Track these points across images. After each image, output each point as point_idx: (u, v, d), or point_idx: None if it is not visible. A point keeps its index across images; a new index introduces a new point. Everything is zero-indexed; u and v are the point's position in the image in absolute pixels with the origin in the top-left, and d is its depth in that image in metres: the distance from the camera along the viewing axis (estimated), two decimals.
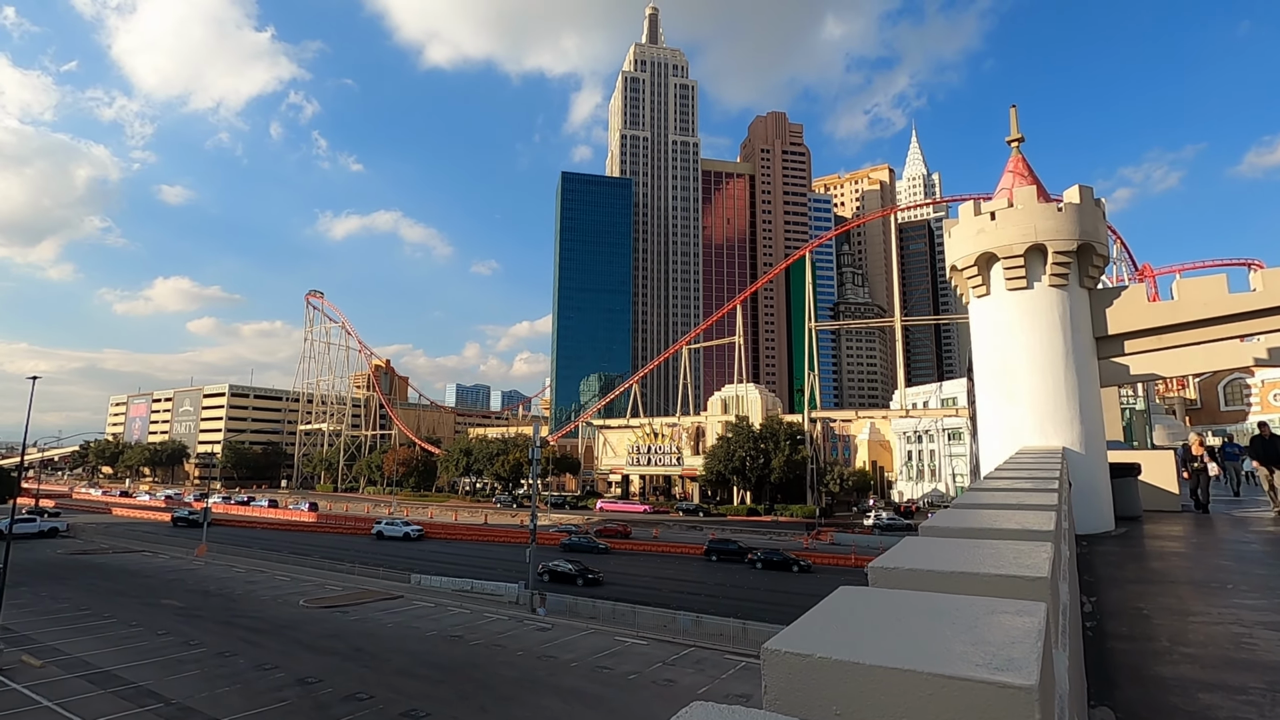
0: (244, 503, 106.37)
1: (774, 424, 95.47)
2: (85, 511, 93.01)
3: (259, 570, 46.88)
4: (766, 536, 71.22)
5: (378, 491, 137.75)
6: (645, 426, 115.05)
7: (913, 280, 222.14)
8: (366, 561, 49.61)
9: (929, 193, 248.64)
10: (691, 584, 44.51)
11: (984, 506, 3.95)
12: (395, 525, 71.84)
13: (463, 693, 21.78)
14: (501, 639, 29.16)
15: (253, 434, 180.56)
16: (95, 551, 54.79)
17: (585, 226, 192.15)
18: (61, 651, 25.33)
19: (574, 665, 25.28)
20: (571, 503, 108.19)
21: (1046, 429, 11.81)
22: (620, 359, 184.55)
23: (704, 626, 30.85)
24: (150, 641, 27.31)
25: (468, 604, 36.87)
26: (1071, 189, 12.51)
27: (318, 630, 29.95)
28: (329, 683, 22.38)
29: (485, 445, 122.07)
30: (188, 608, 34.16)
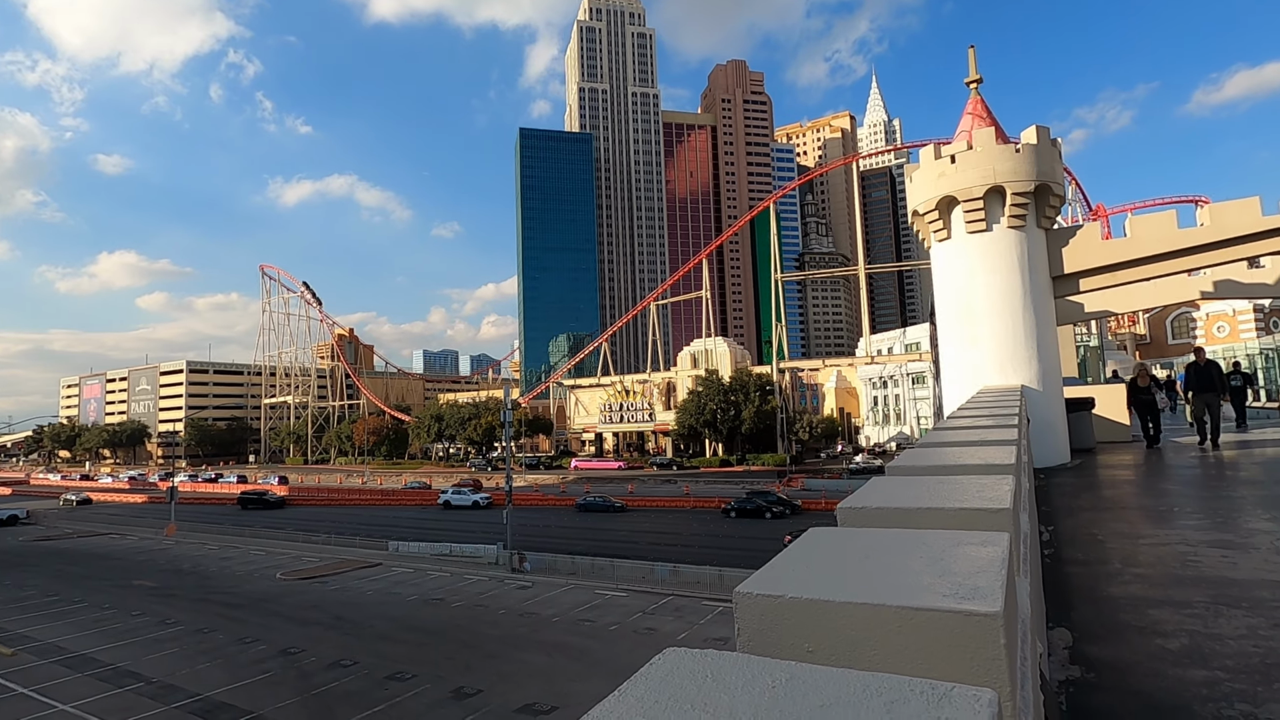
0: (212, 480, 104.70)
1: (743, 376, 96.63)
2: (46, 497, 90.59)
3: (232, 547, 46.45)
4: (739, 486, 72.75)
5: (349, 462, 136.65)
6: (616, 384, 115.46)
7: (876, 228, 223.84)
8: (342, 532, 49.47)
9: (890, 139, 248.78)
10: (669, 535, 45.45)
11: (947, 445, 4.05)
12: (463, 494, 67.54)
13: (447, 653, 22.11)
14: (483, 599, 29.54)
15: (215, 410, 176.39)
16: (59, 536, 53.60)
17: (546, 184, 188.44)
18: (32, 639, 24.94)
19: (556, 620, 25.78)
20: (546, 463, 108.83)
21: (1006, 369, 12.14)
22: (588, 318, 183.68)
23: (681, 575, 31.64)
24: (125, 623, 27.03)
25: (447, 567, 37.15)
26: (1029, 130, 12.59)
27: (297, 602, 29.95)
28: (312, 652, 22.49)
29: (456, 410, 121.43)
30: (161, 587, 33.80)
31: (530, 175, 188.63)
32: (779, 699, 0.95)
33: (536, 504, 64.58)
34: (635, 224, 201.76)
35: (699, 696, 0.98)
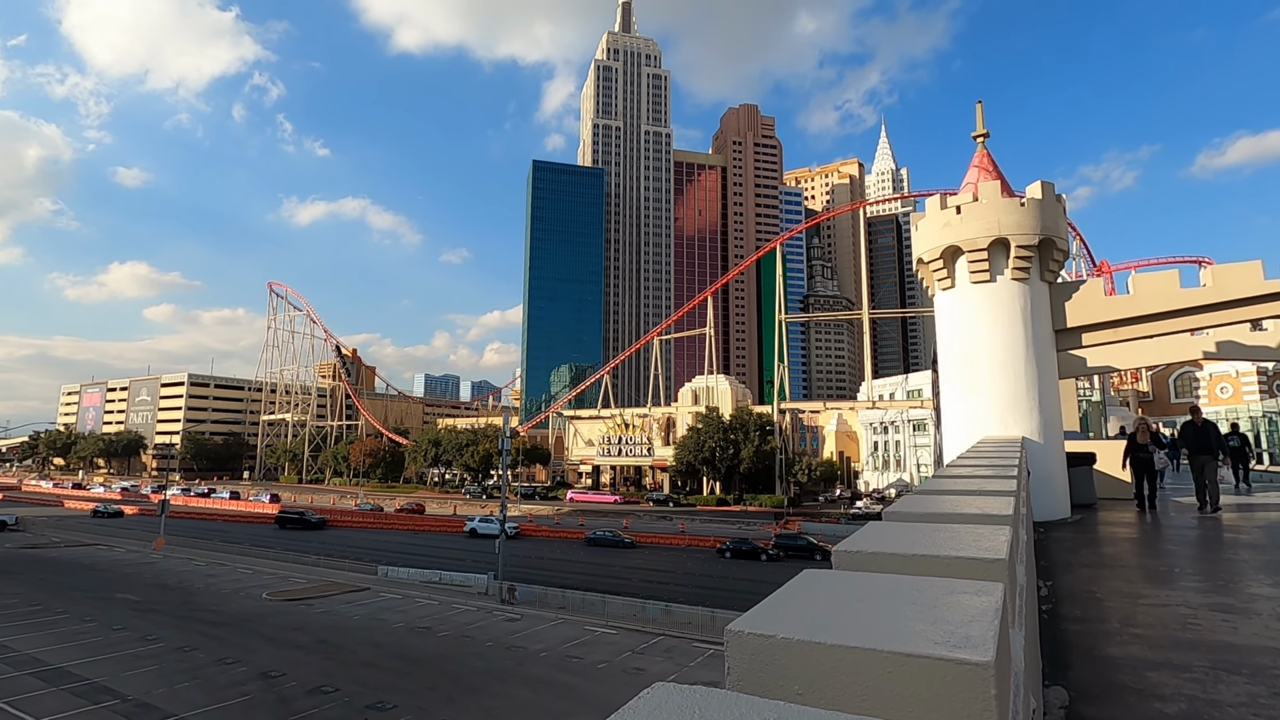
0: (204, 495, 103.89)
1: (744, 415, 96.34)
2: (39, 505, 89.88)
3: (220, 564, 45.87)
4: (736, 526, 71.98)
5: (344, 483, 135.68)
6: (616, 417, 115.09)
7: (881, 274, 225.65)
8: (332, 554, 48.89)
9: (897, 187, 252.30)
10: (663, 572, 44.81)
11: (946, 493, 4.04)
12: (491, 523, 64.72)
13: (430, 683, 21.64)
14: (470, 630, 29.02)
15: (213, 424, 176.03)
16: (46, 545, 53.02)
17: (557, 216, 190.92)
18: (10, 648, 24.49)
19: (543, 655, 25.28)
20: (542, 493, 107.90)
21: (1007, 419, 12.11)
22: (591, 349, 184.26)
23: (673, 615, 31.10)
24: (105, 637, 26.56)
25: (436, 595, 36.58)
26: (1034, 185, 12.79)
27: (281, 623, 29.44)
28: (293, 676, 22.03)
29: (454, 436, 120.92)
30: (145, 602, 33.29)
31: (541, 206, 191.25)
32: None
33: (546, 535, 63.81)
34: (642, 259, 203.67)
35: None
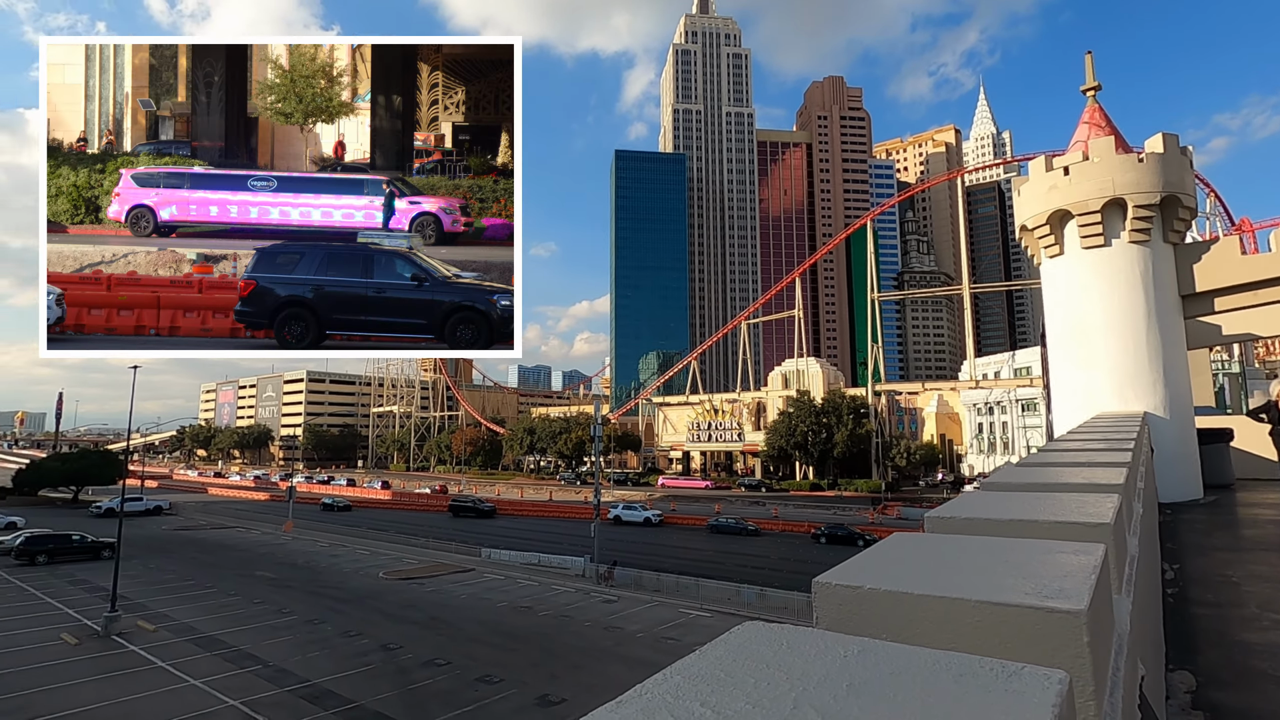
0: (324, 482, 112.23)
1: (836, 398, 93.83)
2: (186, 492, 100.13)
3: (341, 545, 49.59)
4: (830, 511, 70.50)
5: (447, 470, 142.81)
6: (705, 403, 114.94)
7: (982, 245, 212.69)
8: (440, 536, 51.79)
9: (999, 152, 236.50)
10: (756, 557, 44.62)
11: (1050, 465, 3.88)
12: (635, 510, 65.54)
13: (533, 660, 22.61)
14: (569, 610, 30.03)
15: (330, 417, 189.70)
16: (195, 527, 59.08)
17: (640, 204, 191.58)
18: (170, 618, 27.57)
19: (640, 636, 25.83)
20: (634, 479, 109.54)
21: (1126, 393, 11.24)
22: (678, 336, 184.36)
23: (768, 599, 30.95)
24: (247, 609, 29.39)
25: (536, 576, 38.05)
26: (1154, 138, 11.73)
27: (397, 600, 31.55)
28: (409, 649, 23.62)
29: (548, 424, 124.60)
30: (279, 579, 36.53)
31: (624, 195, 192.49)
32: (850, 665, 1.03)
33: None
34: (727, 243, 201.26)
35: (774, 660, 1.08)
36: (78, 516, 63.15)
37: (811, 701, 0.87)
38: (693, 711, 0.89)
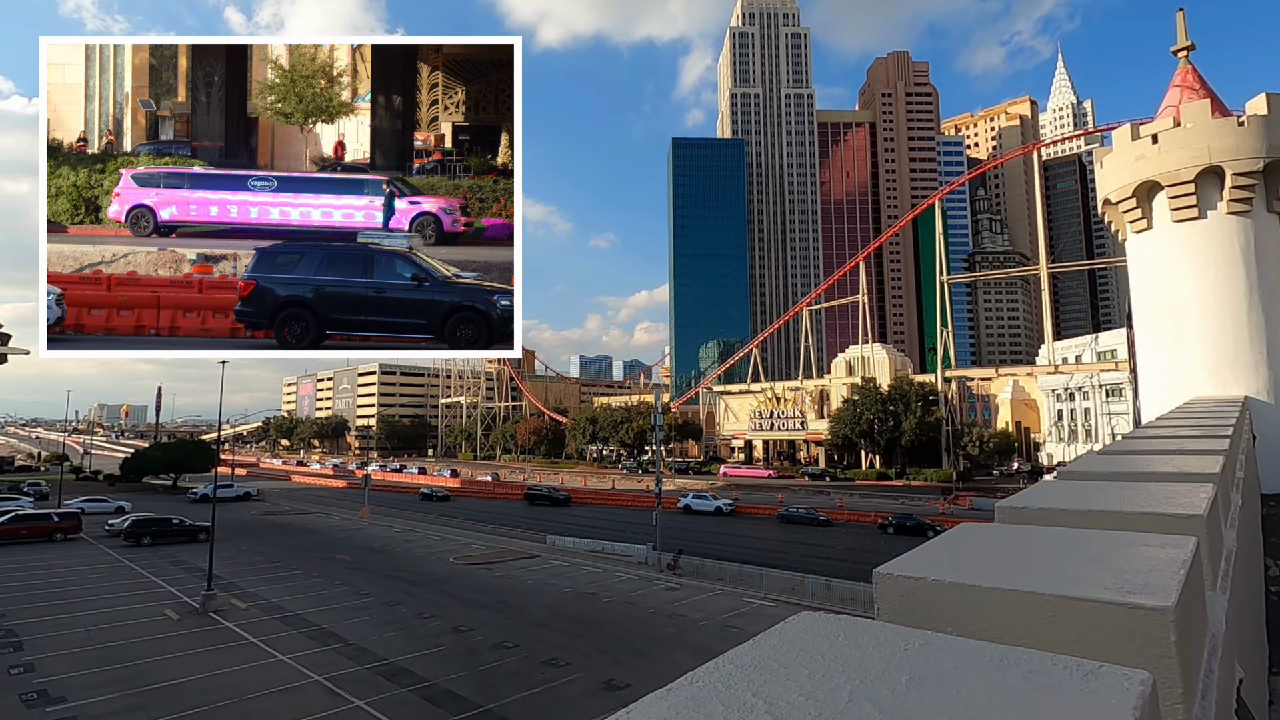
0: (397, 470, 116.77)
1: (904, 385, 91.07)
2: (271, 479, 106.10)
3: (414, 530, 51.58)
4: (898, 501, 68.67)
5: (512, 459, 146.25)
6: (766, 391, 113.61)
7: (1061, 222, 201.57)
8: (506, 523, 53.18)
9: (1079, 123, 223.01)
10: (820, 547, 43.96)
11: (1136, 452, 3.64)
12: (705, 499, 65.37)
13: (598, 645, 22.99)
14: (632, 597, 30.35)
15: (401, 408, 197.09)
16: (280, 513, 62.57)
17: (698, 192, 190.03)
18: (260, 597, 29.35)
19: (703, 624, 25.89)
20: (695, 468, 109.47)
21: (1224, 376, 10.45)
22: (739, 324, 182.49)
23: (833, 590, 30.46)
24: (329, 590, 30.98)
25: (599, 563, 38.60)
26: (1256, 99, 10.79)
27: (466, 585, 32.62)
28: (479, 632, 24.40)
29: (609, 413, 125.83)
30: (356, 562, 38.32)
31: (682, 183, 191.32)
32: (911, 658, 0.98)
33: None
34: (788, 228, 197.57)
35: (831, 651, 1.04)
36: (176, 502, 67.90)
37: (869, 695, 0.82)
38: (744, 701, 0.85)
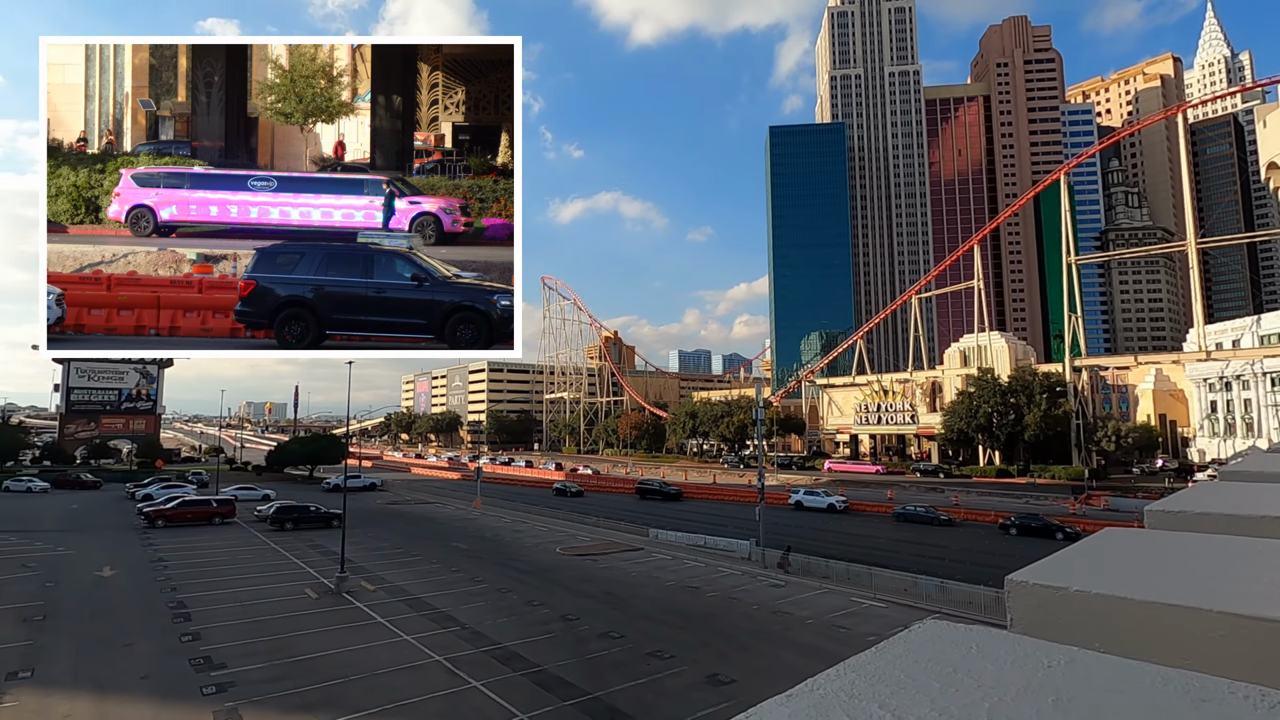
0: (505, 463, 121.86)
1: (1026, 375, 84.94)
2: (393, 471, 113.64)
3: (523, 522, 53.68)
4: (1022, 500, 64.25)
5: (614, 453, 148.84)
6: (873, 384, 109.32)
7: (1213, 192, 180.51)
8: (610, 515, 54.27)
9: (1235, 78, 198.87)
10: (933, 547, 41.86)
11: None
12: (817, 496, 62.22)
13: (702, 639, 23.01)
14: (736, 592, 30.15)
15: (508, 403, 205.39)
16: (402, 502, 66.94)
17: (796, 180, 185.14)
18: (386, 580, 31.55)
19: (809, 622, 25.32)
20: (798, 463, 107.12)
21: None
22: (842, 315, 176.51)
23: (949, 593, 28.90)
24: (446, 576, 32.84)
25: (702, 558, 38.60)
26: None
27: (573, 575, 33.57)
28: (585, 621, 25.06)
29: (709, 408, 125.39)
30: (471, 550, 40.36)
31: (780, 173, 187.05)
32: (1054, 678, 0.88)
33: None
34: (893, 213, 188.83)
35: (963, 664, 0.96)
36: (313, 490, 74.17)
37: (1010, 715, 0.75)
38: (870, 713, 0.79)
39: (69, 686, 18.13)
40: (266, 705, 16.92)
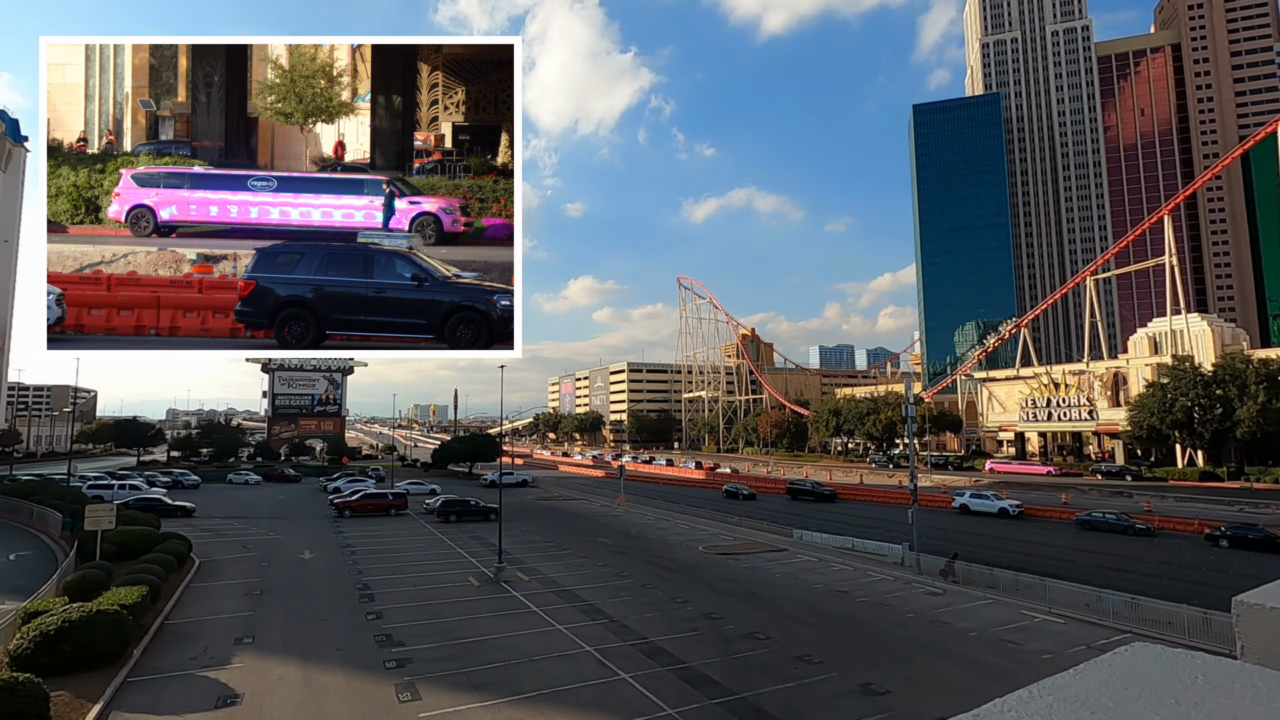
0: (646, 462, 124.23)
1: (1235, 363, 73.38)
2: (542, 468, 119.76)
3: (665, 520, 54.48)
4: (1234, 508, 55.58)
5: (755, 452, 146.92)
6: (1041, 376, 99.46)
7: None
8: (753, 515, 53.65)
9: None
10: (1120, 558, 37.29)
11: None
12: (986, 499, 57.05)
13: (852, 646, 22.11)
14: (888, 599, 28.67)
15: (648, 403, 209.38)
16: (551, 498, 70.38)
17: (946, 160, 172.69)
18: (539, 572, 33.34)
19: (973, 635, 23.51)
20: (955, 463, 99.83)
21: None
22: (1001, 302, 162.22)
23: (1142, 611, 25.58)
24: (593, 570, 34.09)
25: (849, 561, 37.10)
26: None
27: (716, 574, 33.56)
28: (730, 620, 24.96)
29: (854, 405, 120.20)
30: (616, 546, 41.59)
31: (926, 153, 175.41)
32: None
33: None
34: (1061, 187, 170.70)
35: (1186, 696, 0.83)
36: (471, 485, 79.98)
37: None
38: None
39: (280, 653, 20.89)
40: (439, 682, 18.48)
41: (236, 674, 18.97)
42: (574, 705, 17.01)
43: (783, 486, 75.53)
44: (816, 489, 70.58)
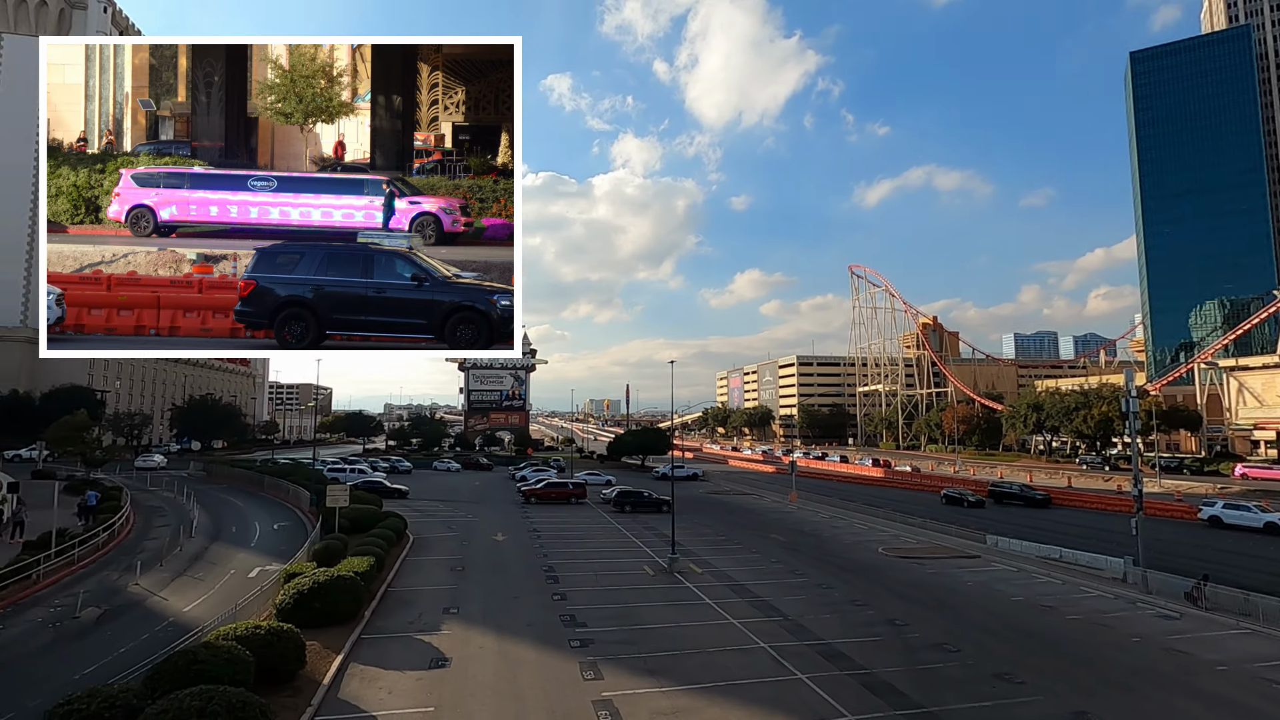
0: (819, 458, 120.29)
1: None
2: (711, 462, 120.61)
3: (840, 518, 52.46)
4: None
5: (939, 449, 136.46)
6: None
7: None
8: (938, 518, 49.95)
9: None
10: None
11: None
12: (1247, 511, 47.66)
13: (1060, 668, 19.81)
14: (1106, 619, 25.30)
15: (819, 397, 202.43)
16: (721, 493, 70.68)
17: (1174, 111, 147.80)
18: (711, 564, 33.65)
19: (1220, 669, 20.04)
20: (1192, 466, 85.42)
21: None
22: (1254, 275, 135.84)
23: None
24: (766, 566, 33.73)
25: (1056, 574, 33.26)
26: None
27: (898, 578, 31.71)
28: (915, 628, 23.47)
29: (1058, 399, 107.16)
30: (789, 543, 40.79)
31: (1148, 107, 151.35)
32: None
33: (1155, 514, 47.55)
34: None
35: None
36: (643, 477, 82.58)
37: None
38: None
39: (480, 624, 23.12)
40: (619, 665, 19.39)
41: (445, 640, 21.30)
42: (750, 700, 17.00)
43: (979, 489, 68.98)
44: (1025, 492, 64.17)
